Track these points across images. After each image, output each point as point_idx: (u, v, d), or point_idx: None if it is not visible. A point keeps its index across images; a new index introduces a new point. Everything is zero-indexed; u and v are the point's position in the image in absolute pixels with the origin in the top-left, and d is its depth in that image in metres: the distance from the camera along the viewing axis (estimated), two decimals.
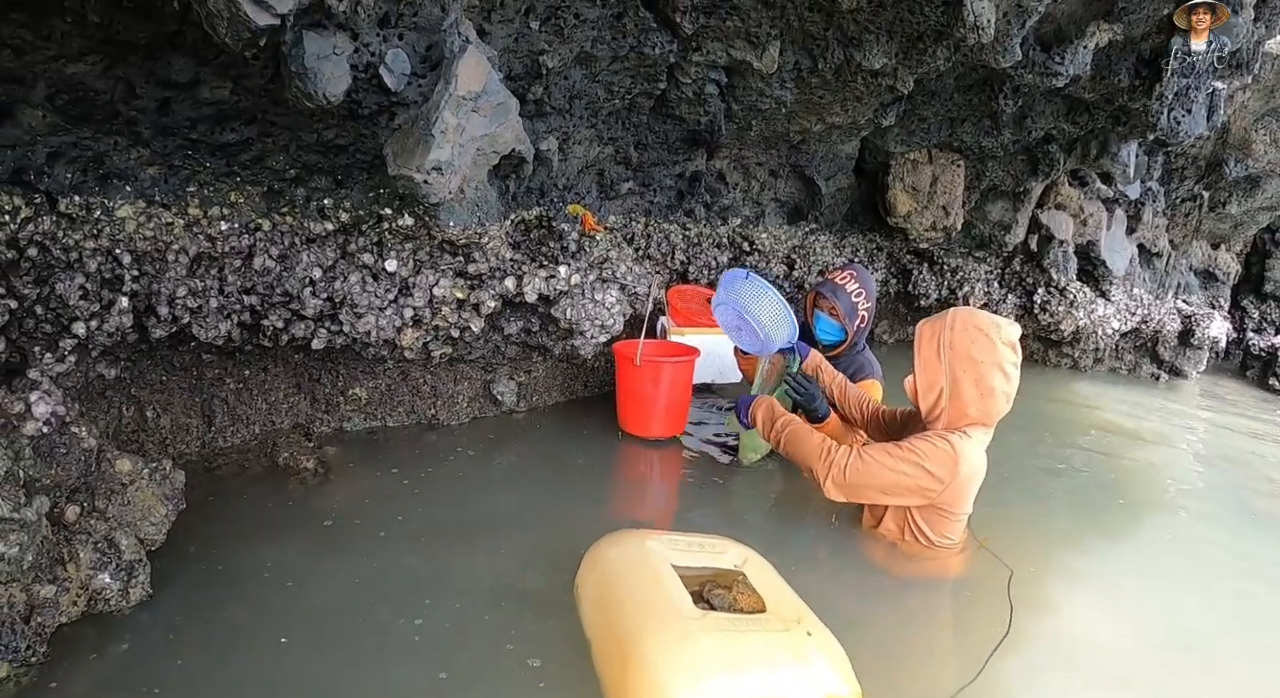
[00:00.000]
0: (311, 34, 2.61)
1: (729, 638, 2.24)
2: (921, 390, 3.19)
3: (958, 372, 3.08)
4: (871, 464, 3.14)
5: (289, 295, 3.55)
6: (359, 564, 3.02)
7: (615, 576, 2.62)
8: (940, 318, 3.19)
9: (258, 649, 2.51)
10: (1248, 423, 6.50)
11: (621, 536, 2.85)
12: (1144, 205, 7.34)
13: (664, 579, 2.50)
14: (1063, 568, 3.49)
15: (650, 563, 2.60)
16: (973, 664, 2.71)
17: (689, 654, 2.17)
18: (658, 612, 2.34)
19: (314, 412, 4.23)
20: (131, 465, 2.89)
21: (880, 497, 3.24)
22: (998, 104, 5.64)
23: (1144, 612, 3.22)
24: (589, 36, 3.72)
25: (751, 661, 2.20)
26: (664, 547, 2.71)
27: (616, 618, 2.43)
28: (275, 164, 3.42)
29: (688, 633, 2.22)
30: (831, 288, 4.14)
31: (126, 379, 3.71)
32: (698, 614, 2.31)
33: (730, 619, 2.35)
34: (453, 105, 2.77)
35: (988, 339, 3.06)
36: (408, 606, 2.77)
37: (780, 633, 2.31)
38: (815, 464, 3.25)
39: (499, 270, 3.82)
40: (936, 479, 3.11)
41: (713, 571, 2.71)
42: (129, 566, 2.67)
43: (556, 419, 4.74)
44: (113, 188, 3.24)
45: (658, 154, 4.97)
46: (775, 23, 4.12)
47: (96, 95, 2.94)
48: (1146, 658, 2.89)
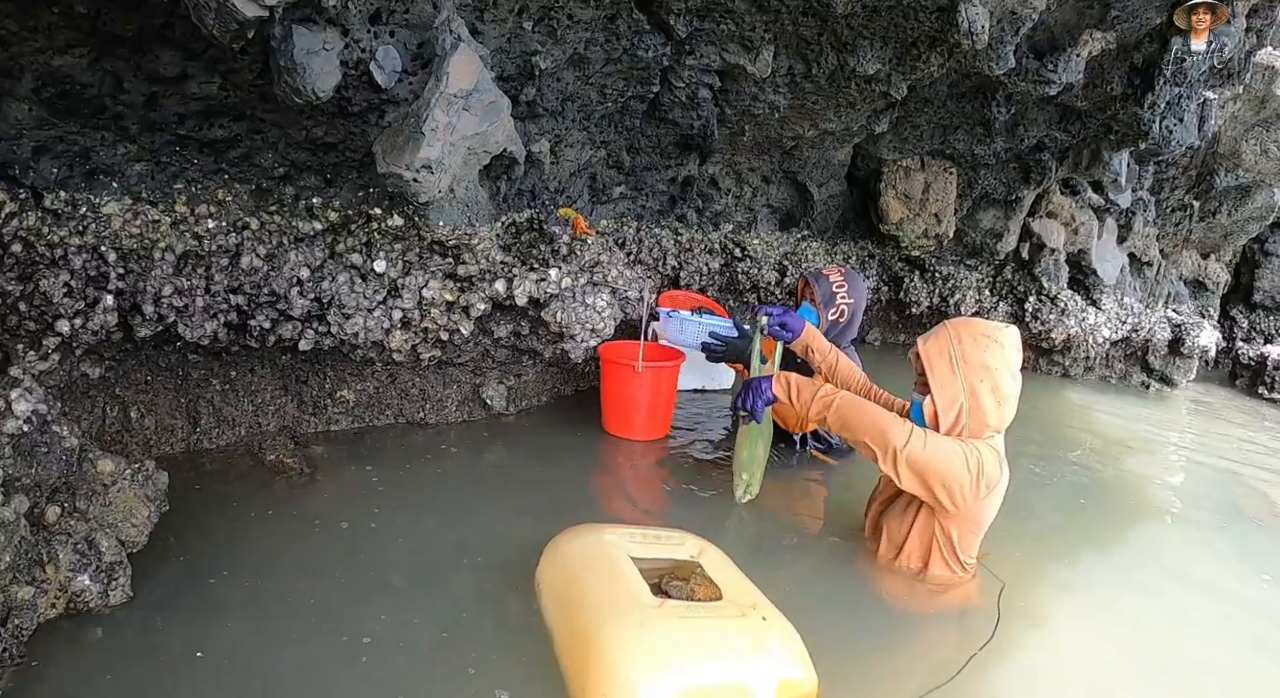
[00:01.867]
0: (301, 29, 2.59)
1: (686, 625, 2.29)
2: (942, 409, 2.97)
3: (974, 383, 2.94)
4: (946, 445, 2.91)
5: (276, 295, 3.51)
6: (344, 567, 2.98)
7: (574, 568, 2.66)
8: (940, 333, 3.06)
9: (239, 652, 2.48)
10: (1237, 432, 6.51)
11: (580, 529, 2.88)
12: (1135, 214, 7.35)
13: (622, 571, 2.54)
14: (1051, 578, 3.46)
15: (608, 555, 2.64)
16: (948, 670, 2.69)
17: (647, 642, 2.21)
18: (616, 602, 2.38)
19: (301, 414, 4.19)
20: (114, 466, 2.85)
21: (936, 485, 2.95)
22: (990, 111, 5.65)
23: (1130, 624, 3.19)
24: (582, 38, 3.70)
25: (708, 647, 2.25)
26: (622, 539, 2.75)
27: (576, 609, 2.46)
28: (264, 162, 3.39)
29: (645, 621, 2.26)
30: (815, 276, 4.28)
31: (111, 379, 3.67)
32: (655, 603, 2.36)
33: (687, 607, 2.41)
34: (444, 103, 2.74)
35: (996, 344, 2.97)
36: (391, 610, 2.73)
37: (736, 619, 2.37)
38: (890, 425, 2.93)
39: (489, 273, 3.79)
40: (983, 484, 2.96)
41: (670, 562, 2.75)
42: (109, 567, 2.62)
43: (546, 423, 4.70)
44: (99, 184, 3.21)
45: (650, 158, 4.95)
46: (769, 27, 4.11)
47: (83, 89, 2.91)
48: (1131, 672, 2.86)
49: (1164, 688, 2.80)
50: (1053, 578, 3.47)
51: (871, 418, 2.98)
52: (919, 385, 3.14)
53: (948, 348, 2.99)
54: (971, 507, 3.02)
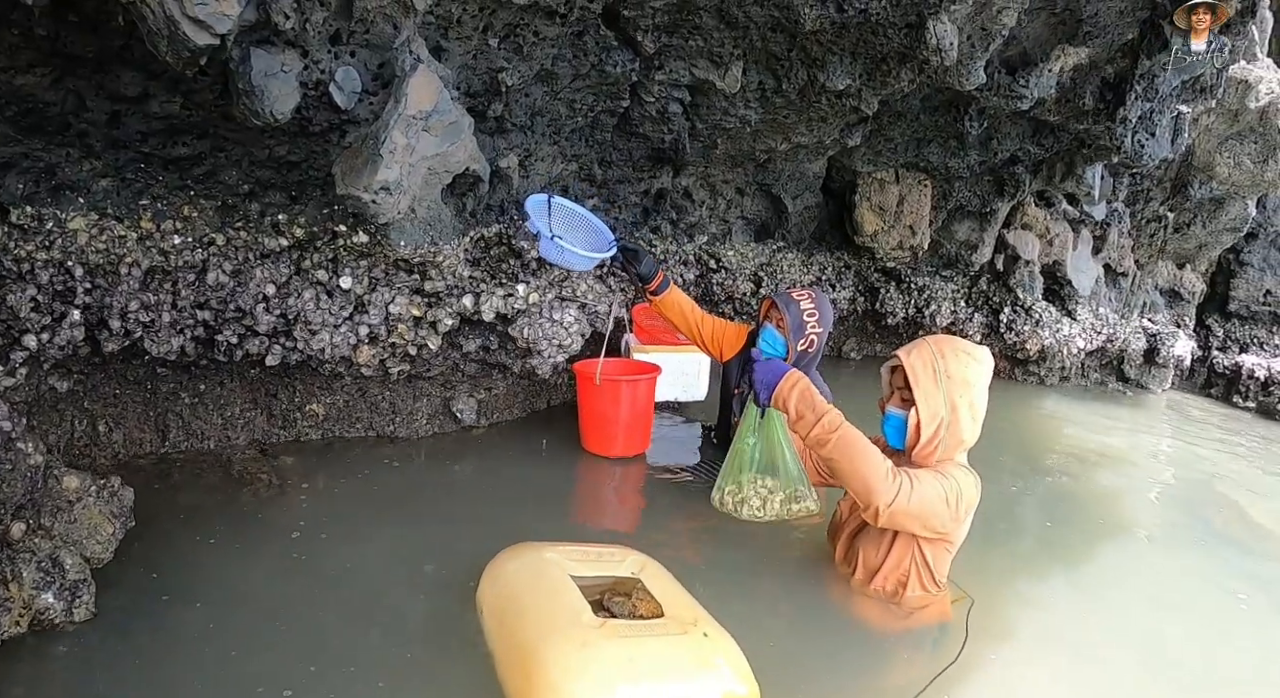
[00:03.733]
0: (259, 51, 2.60)
1: (628, 644, 2.30)
2: (925, 422, 2.96)
3: (955, 398, 2.95)
4: (927, 492, 2.87)
5: (242, 311, 3.53)
6: (312, 584, 3.00)
7: (515, 588, 2.67)
8: (921, 347, 3.04)
9: (204, 670, 2.49)
10: (1212, 441, 6.53)
11: (520, 548, 2.89)
12: (1110, 226, 7.39)
13: (563, 590, 2.55)
14: (1020, 596, 3.46)
15: (549, 574, 2.65)
16: (914, 688, 2.71)
17: (589, 662, 2.22)
18: (557, 621, 2.39)
19: (270, 427, 4.20)
20: (79, 483, 2.86)
21: (915, 527, 2.97)
22: (963, 125, 5.66)
23: (1098, 643, 3.19)
24: (549, 54, 3.70)
25: (651, 664, 2.26)
26: (562, 557, 2.77)
27: (517, 629, 2.46)
28: (228, 179, 3.40)
29: (587, 641, 2.27)
30: (785, 300, 4.04)
31: (79, 392, 3.68)
32: (596, 622, 2.37)
33: (628, 625, 2.42)
34: (402, 125, 2.75)
35: (976, 362, 3.01)
36: (360, 628, 2.75)
37: (678, 636, 2.38)
38: (878, 483, 2.81)
39: (456, 288, 3.80)
40: (962, 510, 2.98)
41: (611, 579, 2.76)
42: (73, 585, 2.64)
43: (517, 437, 4.70)
44: (65, 199, 3.22)
45: (622, 171, 4.96)
46: (738, 43, 4.12)
47: (46, 107, 2.92)
48: (1097, 691, 2.88)
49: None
50: (1022, 595, 3.48)
51: (866, 464, 2.84)
52: (893, 399, 3.13)
53: (931, 361, 2.99)
54: (950, 532, 3.05)
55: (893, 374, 3.16)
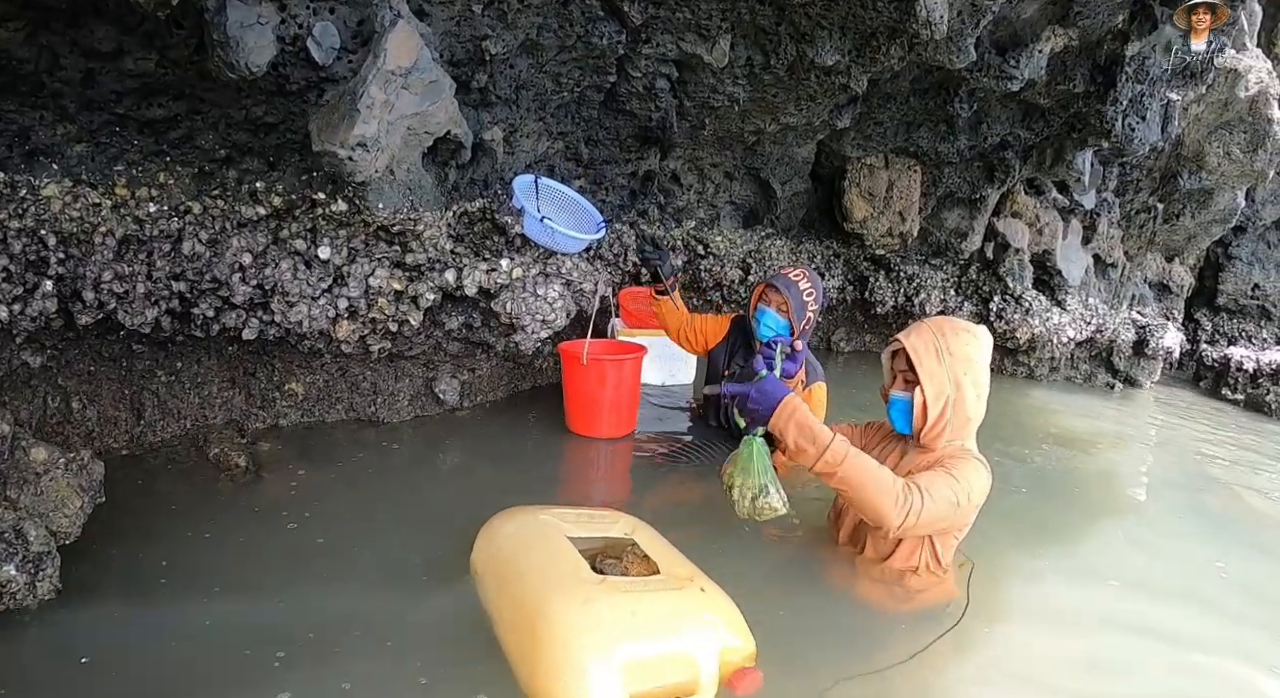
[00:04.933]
0: (235, 1, 2.53)
1: (629, 599, 2.35)
2: (931, 401, 2.93)
3: (959, 375, 2.94)
4: (939, 502, 2.80)
5: (219, 282, 3.45)
6: (282, 567, 2.92)
7: (513, 550, 2.69)
8: (921, 328, 3.02)
9: (166, 652, 2.43)
10: (1201, 432, 6.53)
11: (514, 512, 2.92)
12: (1099, 216, 7.38)
13: (561, 550, 2.59)
14: (1015, 572, 3.44)
15: (546, 535, 2.68)
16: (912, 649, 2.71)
17: (593, 618, 2.26)
18: (559, 580, 2.42)
19: (249, 407, 4.12)
20: (47, 455, 2.78)
21: (927, 532, 2.96)
22: (953, 108, 5.63)
23: (1092, 620, 3.17)
24: (534, 23, 3.65)
25: (651, 619, 2.32)
26: (557, 519, 2.81)
27: (518, 590, 2.48)
28: (205, 143, 3.33)
29: (590, 597, 2.31)
30: (785, 282, 4.05)
31: (53, 368, 3.60)
32: (597, 579, 2.41)
33: (628, 582, 2.47)
34: (380, 80, 2.69)
35: (975, 338, 3.00)
36: (340, 606, 2.69)
37: (676, 591, 2.44)
38: (888, 510, 2.73)
39: (439, 262, 3.73)
40: (975, 506, 2.97)
41: (603, 540, 2.82)
42: (36, 558, 2.55)
43: (500, 418, 4.65)
44: (39, 165, 3.15)
45: (609, 151, 4.90)
46: (726, 15, 4.07)
47: (20, 64, 2.86)
48: (1089, 666, 2.84)
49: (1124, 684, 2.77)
50: (1016, 571, 3.45)
51: (876, 487, 2.74)
52: (896, 383, 3.10)
53: (932, 341, 2.97)
54: (959, 527, 3.07)
55: (893, 359, 3.14)
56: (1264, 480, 5.23)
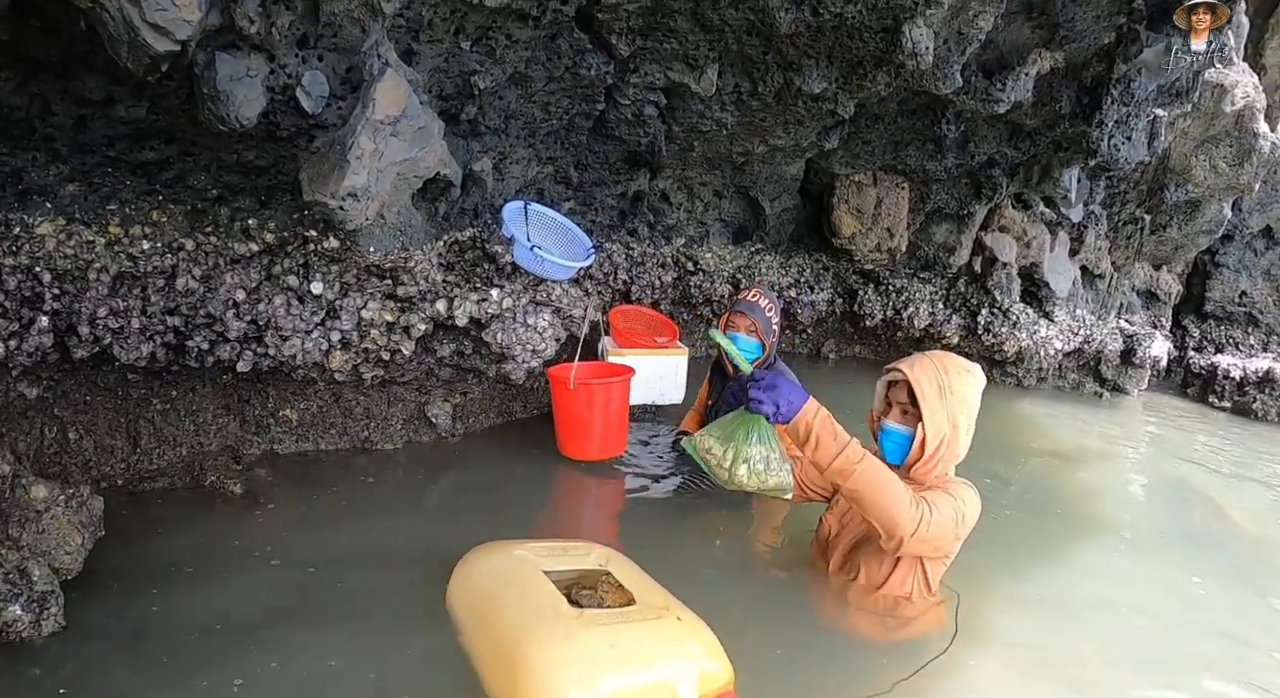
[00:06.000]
0: (225, 55, 2.57)
1: (607, 631, 2.37)
2: (930, 437, 2.92)
3: (957, 415, 2.94)
4: (944, 516, 2.82)
5: (213, 317, 3.49)
6: (285, 594, 2.96)
7: (490, 585, 2.72)
8: (924, 362, 2.98)
9: (171, 685, 2.45)
10: (1188, 440, 6.57)
11: (489, 548, 2.94)
12: (1086, 228, 7.43)
13: (537, 584, 2.61)
14: (1001, 592, 3.47)
15: (521, 570, 2.71)
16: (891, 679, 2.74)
17: (572, 652, 2.28)
18: (538, 615, 2.44)
19: (244, 434, 4.15)
20: (47, 492, 2.82)
21: (928, 551, 2.97)
22: (940, 129, 5.69)
23: (1077, 640, 3.20)
24: (522, 57, 3.69)
25: (630, 650, 2.34)
26: (531, 554, 2.82)
27: (497, 626, 2.51)
28: (197, 183, 3.37)
29: (569, 632, 2.33)
30: (747, 306, 4.16)
31: (49, 399, 3.63)
32: (574, 613, 2.44)
33: (606, 614, 2.49)
34: (370, 130, 2.73)
35: (974, 379, 3.00)
36: (335, 638, 2.72)
37: (653, 621, 2.47)
38: (902, 514, 2.72)
39: (429, 293, 3.77)
40: (968, 528, 2.98)
41: (577, 572, 2.83)
42: (41, 597, 2.60)
43: (493, 443, 4.67)
44: (32, 204, 3.18)
45: (598, 173, 4.95)
46: (713, 46, 4.11)
47: (11, 111, 2.89)
48: (1075, 687, 2.87)
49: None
50: (1003, 592, 3.49)
51: (891, 494, 2.73)
52: (892, 413, 3.05)
53: (936, 378, 2.94)
54: (952, 551, 3.08)
55: (890, 388, 3.08)
56: (1248, 492, 5.29)
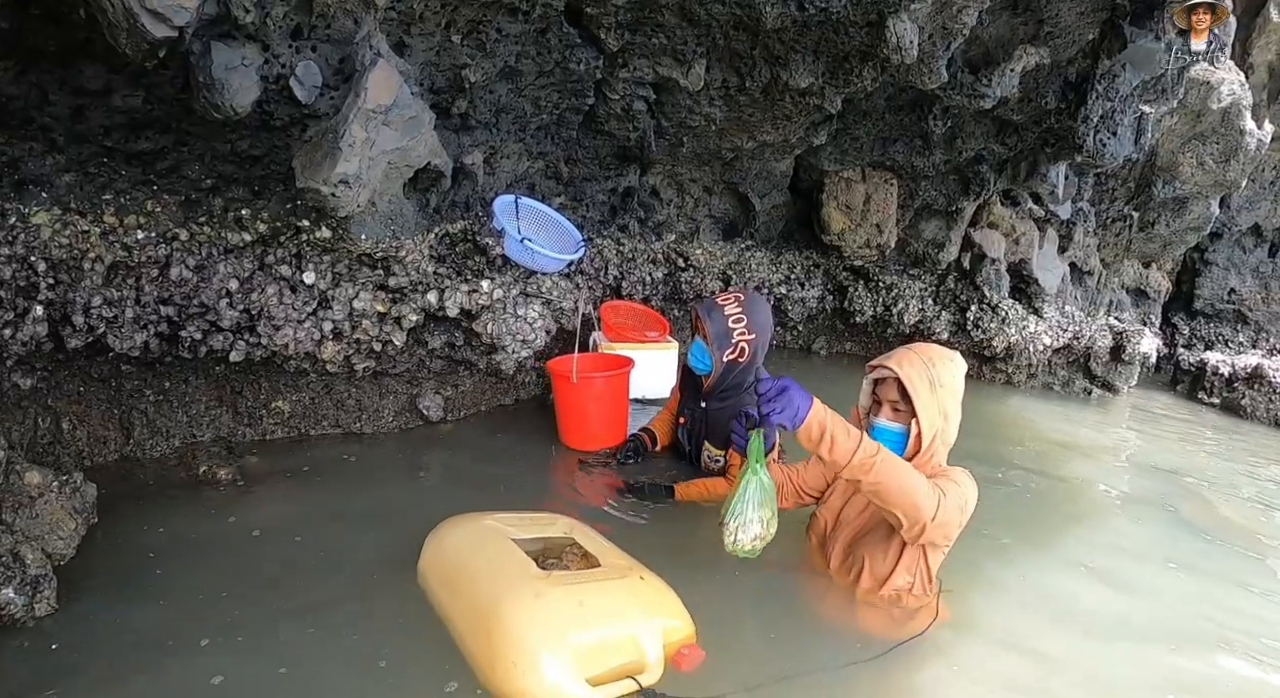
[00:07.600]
0: (220, 44, 2.62)
1: (577, 590, 2.52)
2: (925, 432, 2.90)
3: (948, 407, 2.93)
4: (953, 500, 2.79)
5: (206, 307, 3.53)
6: (270, 582, 2.99)
7: (462, 555, 2.82)
8: (910, 357, 2.94)
9: (165, 667, 2.49)
10: (1178, 436, 6.59)
11: (458, 520, 3.04)
12: (1075, 225, 7.47)
13: (507, 552, 2.73)
14: (987, 580, 3.49)
15: (492, 539, 2.83)
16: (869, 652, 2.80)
17: (545, 609, 2.42)
18: (509, 579, 2.56)
19: (236, 424, 4.19)
20: (41, 478, 2.86)
21: (939, 538, 2.90)
22: (928, 124, 5.73)
23: (1064, 628, 3.21)
24: (512, 51, 3.73)
25: (598, 607, 2.50)
26: (500, 524, 2.95)
27: (471, 592, 2.62)
28: (191, 173, 3.41)
29: (540, 592, 2.46)
30: (708, 307, 3.73)
31: (43, 389, 3.66)
32: (544, 575, 2.57)
33: (573, 574, 2.65)
34: (361, 118, 2.78)
35: (958, 367, 2.99)
36: (326, 622, 2.75)
37: (618, 580, 2.64)
38: (924, 500, 2.69)
39: (421, 284, 3.81)
40: (968, 516, 2.93)
41: (543, 540, 2.97)
42: (34, 580, 2.64)
43: (484, 433, 4.68)
44: (28, 194, 3.22)
45: (589, 169, 4.99)
46: (701, 41, 4.16)
47: (10, 101, 2.93)
48: (1057, 674, 2.89)
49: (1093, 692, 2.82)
50: (989, 579, 3.50)
51: (911, 481, 2.69)
52: (882, 412, 3.01)
53: (925, 372, 2.92)
54: (954, 538, 3.03)
55: (878, 386, 3.03)
56: (1236, 486, 5.31)
